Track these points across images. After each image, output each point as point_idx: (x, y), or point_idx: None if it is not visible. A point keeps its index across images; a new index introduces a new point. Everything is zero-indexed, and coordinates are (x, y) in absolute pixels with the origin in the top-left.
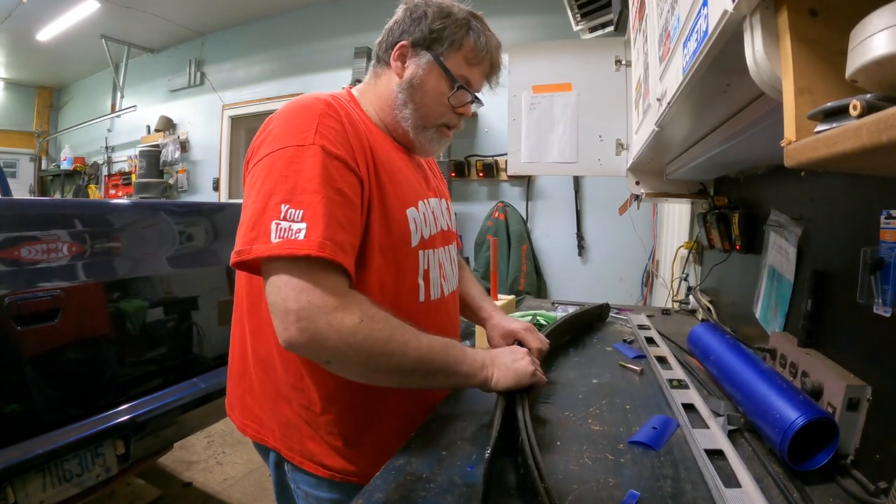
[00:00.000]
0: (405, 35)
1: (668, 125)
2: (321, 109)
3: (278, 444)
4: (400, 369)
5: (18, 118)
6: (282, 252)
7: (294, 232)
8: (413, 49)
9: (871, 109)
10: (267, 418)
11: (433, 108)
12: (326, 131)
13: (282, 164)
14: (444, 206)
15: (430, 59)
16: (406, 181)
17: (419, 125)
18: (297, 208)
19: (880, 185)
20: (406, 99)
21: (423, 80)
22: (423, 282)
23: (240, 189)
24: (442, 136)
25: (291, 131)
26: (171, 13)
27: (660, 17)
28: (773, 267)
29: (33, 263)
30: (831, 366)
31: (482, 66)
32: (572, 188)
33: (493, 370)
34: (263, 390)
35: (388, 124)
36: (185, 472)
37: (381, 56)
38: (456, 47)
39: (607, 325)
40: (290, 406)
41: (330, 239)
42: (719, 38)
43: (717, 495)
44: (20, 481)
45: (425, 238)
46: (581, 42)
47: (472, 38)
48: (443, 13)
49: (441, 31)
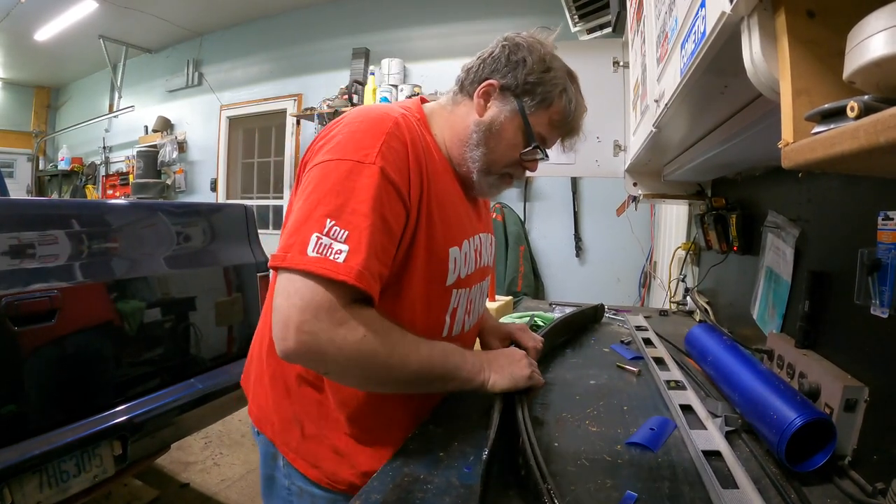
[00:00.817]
0: (496, 74)
1: (665, 126)
2: (389, 128)
3: (275, 437)
4: (400, 380)
5: (16, 118)
6: (316, 268)
7: (335, 252)
8: (501, 92)
9: (869, 111)
10: (270, 409)
11: (503, 157)
12: (389, 153)
13: (337, 176)
14: (489, 241)
15: (516, 109)
16: (456, 217)
17: (485, 169)
18: (343, 227)
19: (878, 187)
20: (480, 140)
21: (503, 128)
22: (450, 319)
23: (237, 190)
24: (503, 184)
25: (355, 144)
26: (170, 13)
27: (658, 19)
28: (770, 268)
29: (31, 264)
30: (829, 367)
31: (563, 129)
32: (570, 189)
33: (489, 373)
34: (272, 379)
35: (454, 157)
36: (182, 472)
37: (465, 86)
38: (545, 106)
39: (605, 327)
40: (297, 400)
41: (368, 269)
42: (717, 40)
43: (714, 496)
44: (17, 482)
45: (461, 278)
46: (579, 43)
47: (563, 101)
48: (543, 66)
49: (536, 85)
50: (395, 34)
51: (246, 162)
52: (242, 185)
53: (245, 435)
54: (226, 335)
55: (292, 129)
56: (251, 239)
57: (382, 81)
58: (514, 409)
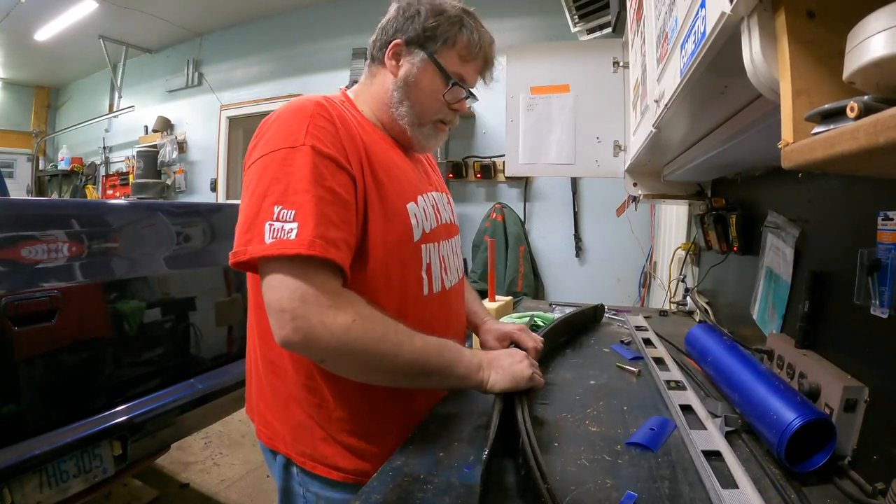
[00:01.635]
0: (399, 34)
1: (665, 127)
2: (312, 110)
3: (289, 449)
4: (394, 369)
5: (16, 118)
6: (274, 252)
7: (286, 232)
8: (407, 47)
9: (869, 111)
10: (278, 423)
11: (429, 105)
12: (317, 131)
13: (274, 166)
14: (445, 199)
15: (425, 56)
16: (404, 176)
17: (415, 122)
18: (288, 209)
19: (878, 187)
20: (402, 97)
21: (418, 78)
22: (426, 275)
23: (237, 190)
24: (438, 132)
25: (283, 133)
26: (170, 13)
27: (658, 19)
28: (770, 268)
29: (31, 264)
30: (828, 367)
31: (476, 62)
32: (570, 189)
33: (489, 372)
34: (274, 394)
35: (384, 122)
36: (182, 472)
37: (375, 55)
38: (450, 44)
39: (605, 327)
40: (301, 407)
41: (320, 237)
42: (717, 40)
43: (714, 496)
44: (17, 482)
45: (427, 232)
46: (579, 43)
47: (465, 34)
48: (436, 11)
49: (434, 28)
50: None
51: None
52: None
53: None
54: (226, 335)
55: None
56: None
57: None
58: (514, 409)
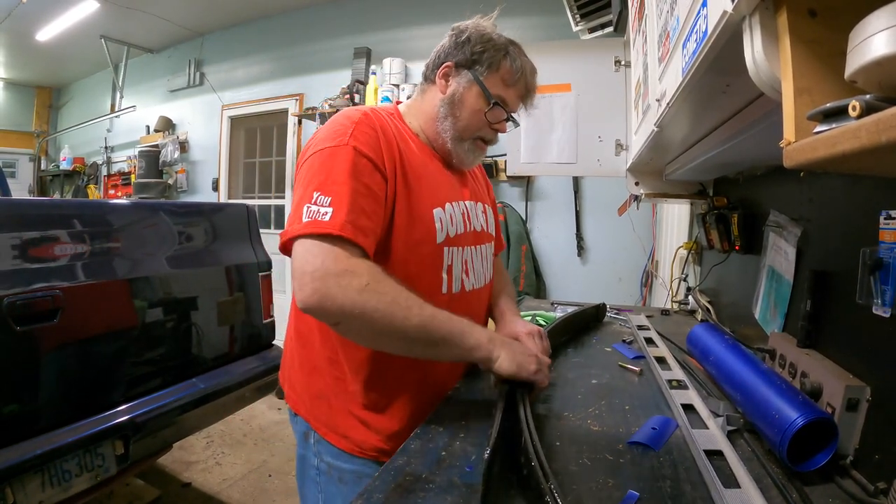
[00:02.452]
0: (450, 57)
1: (667, 126)
2: (359, 118)
3: (308, 414)
4: (404, 334)
5: (18, 118)
6: (308, 230)
7: (322, 214)
8: (456, 69)
9: (871, 110)
10: (302, 390)
11: (471, 122)
12: (360, 135)
13: (320, 161)
14: (481, 209)
15: (471, 77)
16: (436, 184)
17: (457, 137)
18: (326, 195)
19: (879, 186)
20: (447, 112)
21: (463, 97)
22: (446, 275)
23: (239, 189)
24: (477, 149)
25: (331, 135)
26: (171, 13)
27: (659, 18)
28: (772, 267)
29: (33, 263)
30: (830, 366)
31: (517, 87)
32: (572, 189)
33: (501, 351)
34: (301, 363)
35: (429, 136)
36: (184, 472)
37: (427, 76)
38: (494, 69)
39: (606, 326)
40: (322, 378)
41: (351, 222)
42: (718, 39)
43: (716, 496)
44: (19, 482)
45: (451, 236)
46: (580, 42)
47: (508, 61)
48: (484, 38)
49: (481, 53)
50: (397, 34)
51: (247, 162)
52: (244, 185)
53: (247, 434)
54: (227, 335)
55: (294, 128)
56: (253, 239)
57: (384, 81)
58: (517, 408)
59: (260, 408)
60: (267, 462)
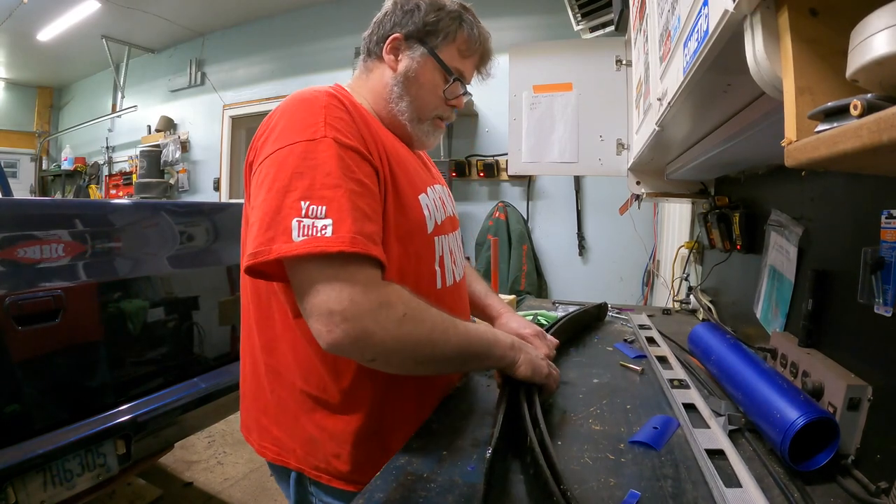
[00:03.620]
0: (397, 28)
1: (668, 125)
2: (325, 101)
3: (301, 464)
4: (442, 358)
5: (19, 118)
6: (310, 250)
7: (319, 229)
8: (406, 42)
9: (872, 109)
10: (286, 438)
11: (429, 101)
12: (335, 122)
13: (294, 159)
14: (447, 192)
15: (425, 51)
16: (413, 168)
17: (415, 118)
18: (318, 204)
19: (881, 185)
20: (402, 92)
21: (418, 73)
22: (439, 268)
23: (240, 189)
24: (436, 129)
25: (298, 126)
26: (172, 13)
27: (660, 17)
28: (773, 267)
29: (34, 263)
30: (832, 365)
31: (474, 57)
32: (573, 188)
33: (520, 354)
34: (282, 407)
35: (383, 118)
36: (185, 471)
37: (371, 49)
38: (450, 40)
39: (608, 325)
40: (312, 421)
41: (359, 233)
42: (720, 38)
43: (717, 495)
44: (21, 481)
45: (438, 224)
46: (581, 42)
47: (465, 29)
48: (435, 6)
49: (435, 23)
50: None
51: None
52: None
53: None
54: (229, 334)
55: None
56: None
57: None
58: (520, 407)
59: None
60: None
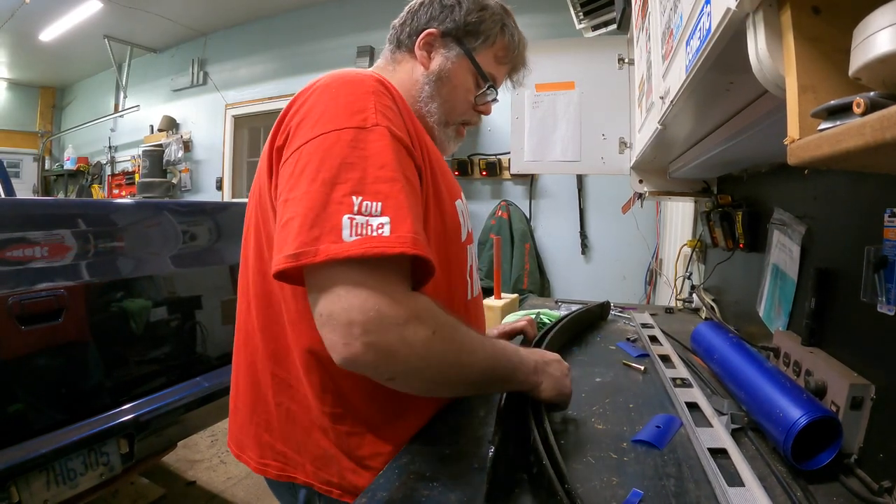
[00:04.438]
0: (433, 22)
1: (671, 123)
2: (373, 86)
3: (310, 479)
4: (468, 381)
5: (22, 118)
6: (367, 251)
7: (375, 228)
8: (442, 39)
9: (875, 107)
10: (294, 453)
11: (458, 105)
12: (385, 111)
13: (340, 148)
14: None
15: (461, 52)
16: (449, 173)
17: (443, 121)
18: (373, 200)
19: (884, 184)
20: (433, 92)
21: (452, 75)
22: (469, 279)
23: (243, 188)
24: (458, 135)
25: (345, 110)
26: (174, 13)
27: (662, 15)
28: (776, 265)
29: (37, 263)
30: (835, 364)
31: (509, 65)
32: (575, 187)
33: (542, 377)
34: (291, 422)
35: None
36: (188, 470)
37: (402, 41)
38: (489, 44)
39: (610, 324)
40: (326, 437)
41: (418, 233)
42: (722, 36)
43: (720, 494)
44: (24, 480)
45: (469, 232)
46: (584, 40)
47: (506, 35)
48: (479, 4)
49: (477, 24)
50: None
51: (251, 160)
52: (248, 184)
53: None
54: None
55: None
56: None
57: None
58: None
59: None
60: None
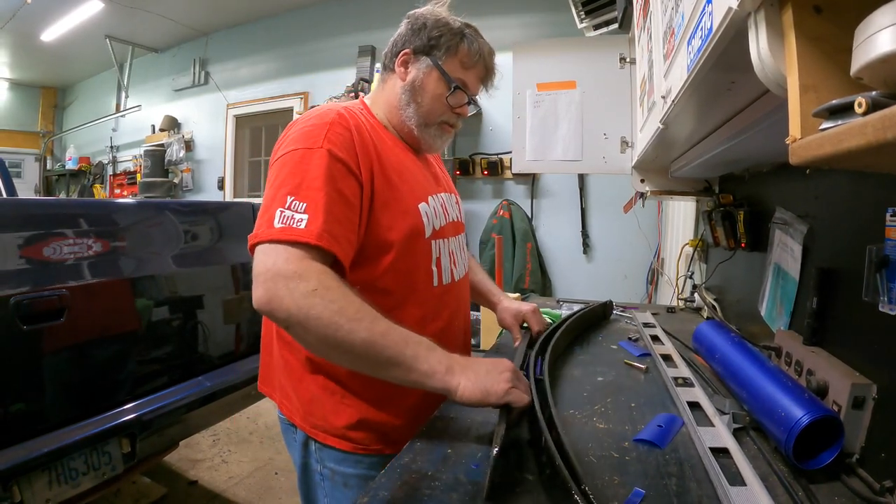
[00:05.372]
0: (407, 44)
1: (672, 123)
2: (333, 118)
3: (304, 422)
4: (350, 348)
5: (23, 118)
6: (282, 237)
7: (296, 221)
8: (414, 56)
9: (877, 107)
10: (294, 396)
11: (433, 107)
12: (335, 137)
13: (293, 163)
14: (454, 199)
15: (430, 63)
16: (415, 179)
17: (422, 122)
18: (301, 201)
19: (886, 183)
20: (409, 99)
21: (424, 82)
22: (436, 268)
23: (244, 188)
24: (443, 133)
25: (304, 136)
26: (175, 13)
27: (664, 15)
28: (778, 265)
29: (39, 263)
30: (836, 364)
31: (476, 69)
32: (577, 186)
33: (460, 378)
34: (288, 367)
35: (395, 124)
36: (190, 470)
37: (386, 64)
38: (452, 53)
39: (612, 323)
40: (314, 380)
41: (328, 231)
42: (724, 36)
43: (722, 493)
44: (26, 480)
45: (437, 229)
46: (585, 40)
47: (466, 44)
48: (440, 23)
49: (438, 38)
50: None
51: (253, 160)
52: (249, 184)
53: (253, 433)
54: (233, 333)
55: None
56: None
57: None
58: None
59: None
60: (273, 460)
